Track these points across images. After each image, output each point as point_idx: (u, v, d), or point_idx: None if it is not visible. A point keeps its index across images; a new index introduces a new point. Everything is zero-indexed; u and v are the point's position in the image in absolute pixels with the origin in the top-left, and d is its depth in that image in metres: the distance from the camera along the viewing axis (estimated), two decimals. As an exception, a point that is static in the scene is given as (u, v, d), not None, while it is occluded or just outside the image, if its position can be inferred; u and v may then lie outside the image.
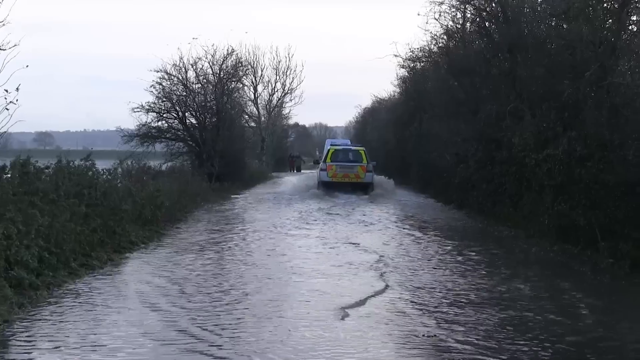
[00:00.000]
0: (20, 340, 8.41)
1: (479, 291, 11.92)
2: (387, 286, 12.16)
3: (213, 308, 10.30)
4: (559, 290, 12.22)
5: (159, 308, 10.30)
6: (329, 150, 35.73)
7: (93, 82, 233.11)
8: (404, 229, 20.87)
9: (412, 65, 41.07)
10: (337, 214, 24.56)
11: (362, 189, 32.88)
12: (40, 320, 9.35)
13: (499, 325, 9.65)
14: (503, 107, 21.55)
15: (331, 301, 10.88)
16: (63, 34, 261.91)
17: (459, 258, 15.50)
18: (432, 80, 34.05)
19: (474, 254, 16.03)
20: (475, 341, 8.77)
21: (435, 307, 10.65)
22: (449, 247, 17.06)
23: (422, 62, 39.08)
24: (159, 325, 9.31)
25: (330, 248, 16.58)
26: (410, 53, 39.43)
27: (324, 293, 11.54)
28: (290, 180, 45.09)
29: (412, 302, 11.01)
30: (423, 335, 8.97)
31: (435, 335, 8.99)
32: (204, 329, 9.12)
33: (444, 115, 28.75)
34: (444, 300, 11.12)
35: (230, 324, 9.41)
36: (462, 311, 10.38)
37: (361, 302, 10.88)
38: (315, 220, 22.28)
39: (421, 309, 10.51)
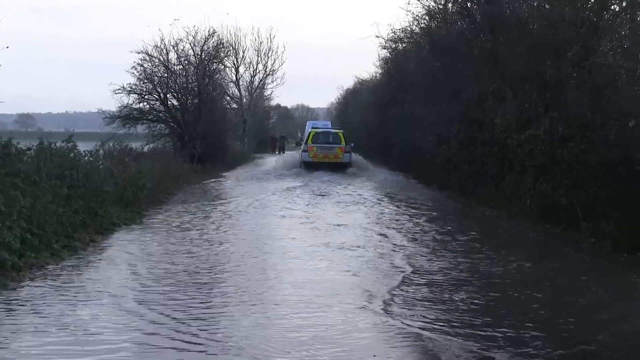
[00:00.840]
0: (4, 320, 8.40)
1: (460, 271, 11.96)
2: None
3: (195, 286, 10.32)
4: (541, 270, 12.29)
5: (138, 289, 10.31)
6: (310, 132, 38.13)
7: (74, 64, 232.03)
8: (381, 206, 20.89)
9: (394, 46, 41.09)
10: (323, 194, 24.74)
11: (340, 168, 35.45)
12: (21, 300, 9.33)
13: (482, 303, 9.71)
14: (485, 87, 21.55)
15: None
16: (43, 17, 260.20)
17: (438, 237, 15.58)
18: (414, 61, 33.98)
19: (455, 233, 16.07)
20: (455, 319, 8.83)
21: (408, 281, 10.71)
22: (428, 227, 17.10)
23: (404, 43, 39.07)
24: (140, 307, 9.31)
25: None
26: (392, 34, 39.49)
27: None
28: (272, 161, 45.16)
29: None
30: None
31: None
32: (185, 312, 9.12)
33: (426, 96, 28.74)
34: (425, 280, 11.17)
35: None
36: (439, 289, 10.44)
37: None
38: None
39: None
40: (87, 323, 8.38)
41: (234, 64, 62.99)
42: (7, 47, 13.24)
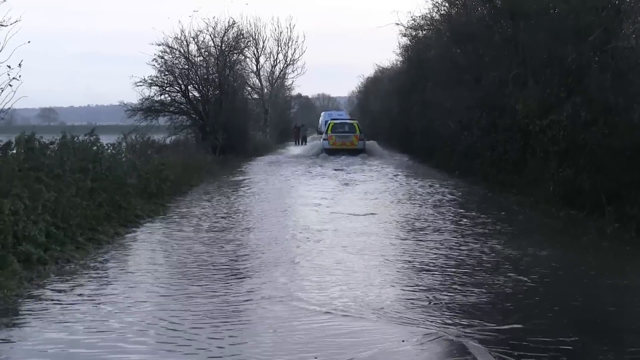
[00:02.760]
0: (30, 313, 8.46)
1: (483, 254, 11.93)
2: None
3: (225, 280, 10.36)
4: (565, 255, 12.25)
5: (164, 278, 10.37)
6: (329, 124, 44.58)
7: (95, 58, 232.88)
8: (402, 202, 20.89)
9: (414, 33, 40.83)
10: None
11: (355, 153, 40.88)
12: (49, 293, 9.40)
13: (507, 287, 9.69)
14: (506, 73, 21.47)
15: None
16: (63, 10, 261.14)
17: (463, 220, 15.56)
18: (435, 48, 33.83)
19: (479, 220, 16.02)
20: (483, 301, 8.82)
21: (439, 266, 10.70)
22: (451, 214, 17.07)
23: (424, 30, 38.84)
24: (165, 289, 9.37)
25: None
26: (412, 21, 39.16)
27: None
28: (295, 150, 45.44)
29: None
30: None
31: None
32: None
33: (446, 83, 28.64)
34: (450, 261, 11.16)
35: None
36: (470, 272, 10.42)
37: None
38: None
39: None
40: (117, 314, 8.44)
41: (254, 54, 63.09)
42: (29, 42, 13.26)
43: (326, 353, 7.11)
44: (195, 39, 37.65)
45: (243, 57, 47.34)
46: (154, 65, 35.92)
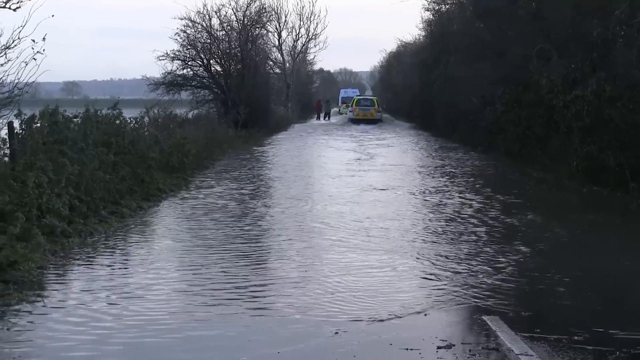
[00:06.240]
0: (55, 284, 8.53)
1: (506, 229, 11.91)
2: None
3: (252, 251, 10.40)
4: (589, 230, 12.23)
5: (189, 248, 10.44)
6: (353, 99, 58.47)
7: (118, 32, 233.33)
8: (430, 175, 20.85)
9: (437, 7, 40.67)
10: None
11: (374, 122, 51.54)
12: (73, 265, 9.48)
13: (531, 262, 9.67)
14: (530, 48, 21.31)
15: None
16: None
17: (482, 199, 15.52)
18: (458, 23, 33.68)
19: (500, 196, 15.96)
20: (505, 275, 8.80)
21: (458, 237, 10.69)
22: (474, 191, 17.02)
23: (447, 4, 38.69)
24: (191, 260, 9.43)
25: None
26: (435, -5, 39.04)
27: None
28: (318, 126, 46.15)
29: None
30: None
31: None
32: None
33: (469, 58, 28.48)
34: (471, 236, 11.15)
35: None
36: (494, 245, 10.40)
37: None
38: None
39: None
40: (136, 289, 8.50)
41: (276, 28, 62.86)
42: (53, 16, 13.22)
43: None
44: (218, 13, 37.72)
45: (265, 31, 47.39)
46: (176, 39, 35.99)
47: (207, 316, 7.48)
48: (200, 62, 36.75)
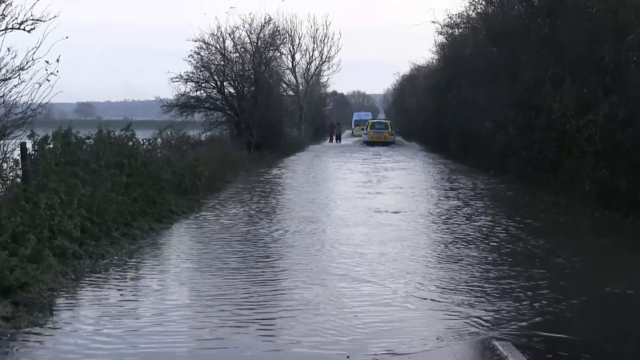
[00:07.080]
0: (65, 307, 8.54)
1: (517, 253, 11.87)
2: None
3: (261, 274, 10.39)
4: (601, 255, 12.17)
5: (200, 270, 10.43)
6: (368, 122, 61.52)
7: (131, 53, 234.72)
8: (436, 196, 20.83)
9: (450, 31, 40.62)
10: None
11: (387, 144, 54.24)
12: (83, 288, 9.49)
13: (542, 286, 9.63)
14: (542, 72, 21.34)
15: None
16: (100, 5, 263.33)
17: (493, 223, 15.47)
18: (471, 47, 33.71)
19: (512, 220, 15.92)
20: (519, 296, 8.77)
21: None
22: (488, 217, 16.98)
23: (461, 28, 38.63)
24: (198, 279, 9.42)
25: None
26: (449, 19, 38.95)
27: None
28: (331, 149, 46.29)
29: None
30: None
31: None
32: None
33: (482, 81, 28.50)
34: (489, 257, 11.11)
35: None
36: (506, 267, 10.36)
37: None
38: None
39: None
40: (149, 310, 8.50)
41: (290, 51, 62.99)
42: (67, 37, 13.30)
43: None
44: (232, 35, 37.85)
45: (279, 53, 47.48)
46: (190, 61, 36.18)
47: (219, 343, 7.44)
48: (213, 84, 36.91)
